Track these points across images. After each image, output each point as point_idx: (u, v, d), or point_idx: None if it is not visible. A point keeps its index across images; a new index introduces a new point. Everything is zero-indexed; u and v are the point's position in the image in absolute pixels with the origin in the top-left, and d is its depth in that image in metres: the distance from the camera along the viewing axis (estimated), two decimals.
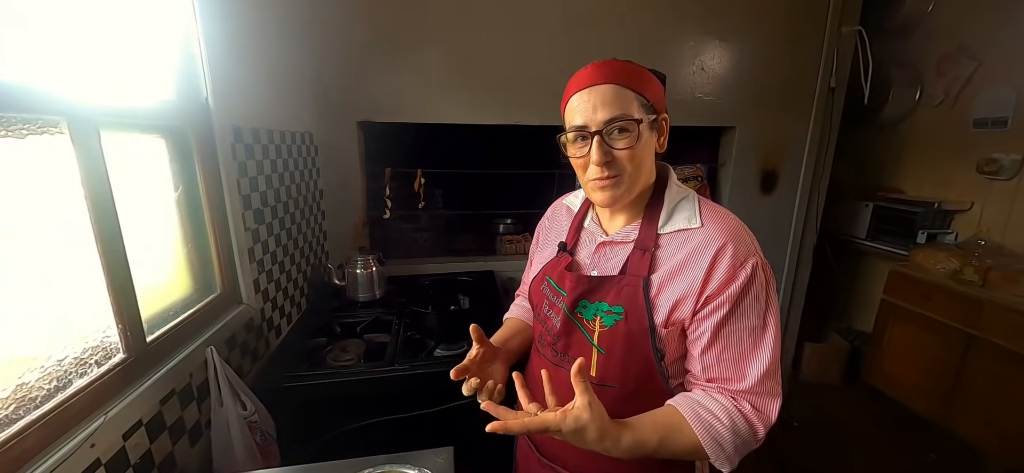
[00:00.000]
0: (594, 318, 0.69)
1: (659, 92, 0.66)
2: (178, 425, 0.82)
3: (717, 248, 0.62)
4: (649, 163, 0.68)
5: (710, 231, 0.64)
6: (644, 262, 0.66)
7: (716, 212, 0.67)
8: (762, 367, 0.61)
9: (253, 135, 1.17)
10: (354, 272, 1.53)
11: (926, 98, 2.41)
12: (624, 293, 0.67)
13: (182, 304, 0.92)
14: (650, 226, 0.68)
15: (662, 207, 0.68)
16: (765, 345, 0.62)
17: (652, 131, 0.66)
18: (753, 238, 0.65)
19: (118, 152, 0.76)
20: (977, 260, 1.92)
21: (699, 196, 0.70)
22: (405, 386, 1.14)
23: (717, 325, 0.62)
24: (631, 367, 0.68)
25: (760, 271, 0.62)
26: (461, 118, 1.78)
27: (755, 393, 0.62)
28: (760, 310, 0.62)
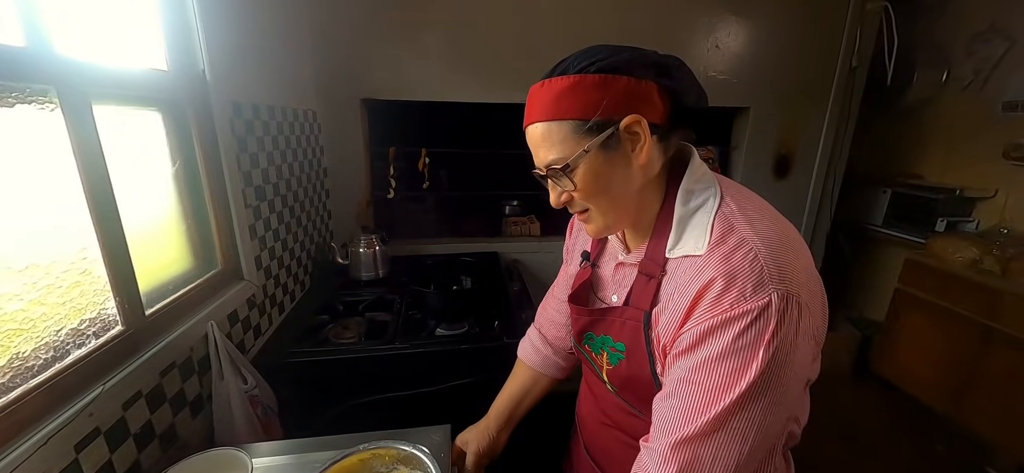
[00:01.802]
0: (601, 352, 0.62)
1: (615, 91, 0.47)
2: (179, 397, 0.83)
3: (704, 283, 0.47)
4: (623, 188, 0.53)
5: (708, 260, 0.48)
6: (648, 292, 0.54)
7: (730, 229, 0.49)
8: (690, 430, 0.46)
9: (253, 111, 1.15)
10: (357, 251, 1.53)
11: (953, 80, 2.30)
12: (627, 329, 0.57)
13: (182, 279, 0.92)
14: (657, 247, 0.55)
15: (672, 223, 0.53)
16: (712, 409, 0.45)
17: (610, 149, 0.49)
18: (784, 268, 0.45)
19: (113, 125, 0.75)
20: (999, 250, 1.85)
21: (727, 199, 0.52)
22: (405, 365, 1.14)
23: (673, 371, 0.50)
24: (647, 409, 0.57)
25: (759, 318, 0.43)
26: (467, 96, 1.75)
27: (655, 452, 0.49)
28: (733, 368, 0.45)
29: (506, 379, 1.15)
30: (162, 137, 0.90)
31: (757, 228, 0.48)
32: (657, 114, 0.50)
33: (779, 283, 0.44)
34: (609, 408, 0.69)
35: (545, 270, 1.97)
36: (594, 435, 0.76)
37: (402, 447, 0.73)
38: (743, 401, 0.45)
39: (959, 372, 1.88)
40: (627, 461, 0.66)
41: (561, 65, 0.50)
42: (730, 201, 0.52)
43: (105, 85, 0.73)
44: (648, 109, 0.49)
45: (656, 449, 0.49)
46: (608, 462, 0.73)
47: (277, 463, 0.79)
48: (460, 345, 1.17)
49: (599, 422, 0.73)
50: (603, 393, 0.68)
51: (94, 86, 0.70)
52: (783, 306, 0.44)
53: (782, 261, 0.46)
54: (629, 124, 0.48)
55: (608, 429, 0.71)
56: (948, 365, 1.93)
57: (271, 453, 0.81)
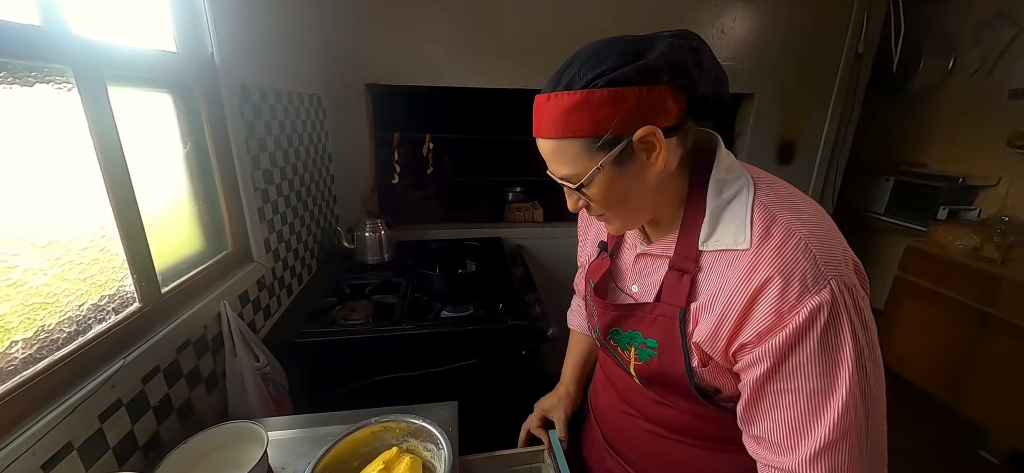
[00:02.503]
0: (628, 348, 0.60)
1: (625, 105, 0.45)
2: (194, 373, 0.85)
3: (759, 283, 0.45)
4: (641, 195, 0.52)
5: (758, 257, 0.46)
6: (682, 288, 0.53)
7: (771, 219, 0.47)
8: (816, 442, 0.45)
9: (261, 94, 1.16)
10: (363, 235, 1.55)
11: (959, 67, 2.29)
12: (658, 325, 0.55)
13: (194, 259, 0.94)
14: (688, 240, 0.53)
15: (704, 215, 0.52)
16: (828, 412, 0.44)
17: (624, 163, 0.48)
18: (835, 248, 0.46)
19: (127, 106, 0.76)
20: (999, 237, 1.86)
21: (763, 188, 0.50)
22: (413, 345, 1.16)
23: (758, 382, 0.47)
24: (679, 395, 0.59)
25: (830, 312, 0.43)
26: (471, 82, 1.75)
27: (786, 470, 0.47)
28: (827, 365, 0.44)
29: (512, 360, 1.19)
30: (173, 120, 0.91)
31: (800, 216, 0.47)
32: (672, 117, 0.47)
33: (833, 268, 0.44)
34: (633, 397, 0.68)
35: (548, 256, 1.99)
36: (614, 424, 0.75)
37: (413, 420, 0.75)
38: (852, 391, 0.44)
39: (956, 358, 1.91)
40: (650, 447, 0.68)
41: (566, 75, 0.47)
42: (766, 190, 0.50)
43: (118, 66, 0.74)
44: (662, 116, 0.46)
45: (787, 468, 0.47)
46: (630, 449, 0.73)
47: (290, 436, 0.81)
48: (466, 327, 1.19)
49: (620, 412, 0.72)
50: (627, 384, 0.68)
51: (109, 66, 0.71)
52: (844, 288, 0.43)
53: (829, 246, 0.45)
54: (643, 136, 0.46)
55: (630, 418, 0.70)
56: (945, 351, 1.96)
57: (284, 427, 0.84)
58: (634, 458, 0.72)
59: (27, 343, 0.57)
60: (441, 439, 0.71)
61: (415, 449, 0.74)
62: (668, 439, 0.65)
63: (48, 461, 0.55)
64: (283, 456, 0.77)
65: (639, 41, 0.47)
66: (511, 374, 1.24)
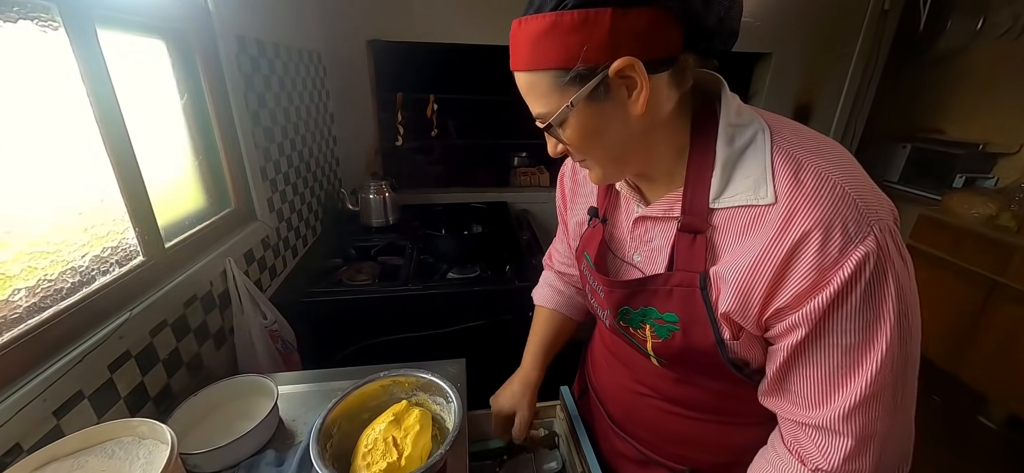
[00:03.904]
0: (643, 326, 0.53)
1: (596, 33, 0.38)
2: (202, 329, 0.85)
3: (795, 240, 0.39)
4: (622, 139, 0.45)
5: (790, 209, 0.40)
6: (698, 251, 0.46)
7: (799, 167, 0.41)
8: (851, 398, 0.41)
9: (258, 47, 1.11)
10: (367, 197, 1.52)
11: (989, 27, 2.17)
12: (676, 297, 0.48)
13: (197, 216, 0.92)
14: (697, 195, 0.46)
15: (713, 168, 0.45)
16: (865, 368, 0.41)
17: (600, 100, 0.41)
18: (873, 196, 0.40)
19: (119, 52, 0.72)
20: (1016, 206, 1.81)
21: (776, 131, 0.44)
22: (419, 306, 1.16)
23: (795, 347, 0.43)
24: (705, 370, 0.54)
25: (875, 265, 0.38)
26: (476, 38, 1.67)
27: (824, 429, 0.44)
28: (868, 320, 0.39)
29: (518, 322, 1.18)
30: (168, 69, 0.88)
31: (828, 158, 0.41)
32: (660, 48, 0.40)
33: (875, 213, 0.39)
34: (648, 377, 0.63)
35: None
36: (625, 405, 0.70)
37: (422, 375, 0.75)
38: (891, 345, 0.40)
39: (964, 326, 1.90)
40: (667, 426, 0.63)
41: None
42: (785, 133, 0.44)
43: (107, 7, 0.70)
44: (645, 46, 0.39)
45: (819, 424, 0.44)
46: (643, 428, 0.68)
47: (300, 390, 0.82)
48: (473, 287, 1.18)
49: (631, 391, 0.67)
50: (641, 364, 0.62)
51: (97, 6, 0.67)
52: (887, 234, 0.39)
53: (866, 189, 0.40)
54: (620, 69, 0.39)
55: (644, 398, 0.65)
56: (953, 320, 1.95)
57: (294, 381, 0.84)
58: (647, 437, 0.67)
59: (30, 291, 0.56)
60: (450, 393, 0.71)
61: (424, 403, 0.74)
62: (688, 418, 0.61)
63: (59, 408, 0.55)
64: (293, 409, 0.78)
65: None
66: (517, 335, 1.24)
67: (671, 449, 0.64)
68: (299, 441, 0.70)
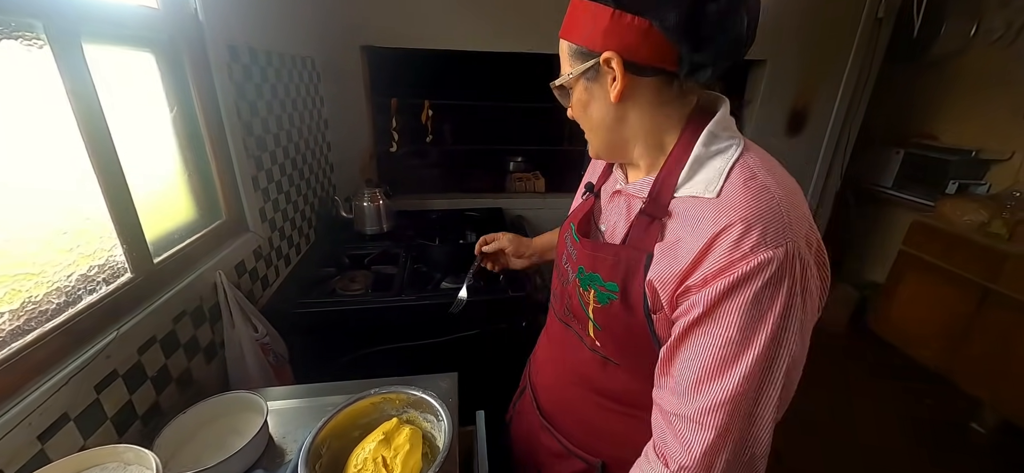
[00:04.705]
0: (589, 289, 0.58)
1: (599, 23, 0.46)
2: (192, 343, 0.85)
3: (719, 227, 0.44)
4: (601, 121, 0.53)
5: (724, 204, 0.45)
6: (651, 233, 0.51)
7: (749, 177, 0.46)
8: (720, 393, 0.44)
9: (250, 55, 1.11)
10: (361, 205, 1.52)
11: (982, 32, 2.19)
12: (620, 269, 0.54)
13: (187, 229, 0.92)
14: (666, 183, 0.51)
15: (686, 162, 0.50)
16: (738, 367, 0.44)
17: (595, 81, 0.50)
18: (799, 223, 0.45)
19: (106, 66, 0.72)
20: (1008, 213, 1.83)
21: (748, 152, 0.49)
22: (412, 316, 1.16)
23: (687, 325, 0.46)
24: (633, 350, 0.58)
25: (776, 271, 0.42)
26: (471, 45, 1.67)
27: (691, 421, 0.46)
28: (753, 319, 0.43)
29: (513, 331, 1.18)
30: (157, 81, 0.87)
31: (780, 182, 0.46)
32: (644, 55, 0.46)
33: (795, 237, 0.43)
34: (585, 368, 0.66)
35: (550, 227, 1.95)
36: (557, 398, 0.74)
37: (412, 392, 0.74)
38: (777, 348, 0.44)
39: (956, 333, 1.92)
40: (595, 419, 0.67)
41: None
42: (754, 154, 0.49)
43: (94, 21, 0.69)
44: (630, 48, 0.46)
45: (685, 413, 0.46)
46: (570, 421, 0.71)
47: (291, 406, 0.82)
48: None
49: (567, 383, 0.71)
50: (581, 356, 0.66)
51: (83, 22, 0.66)
52: (798, 258, 0.43)
53: (798, 218, 0.45)
54: (607, 59, 0.47)
55: (578, 390, 0.69)
56: (945, 326, 1.96)
57: (285, 397, 0.84)
58: (572, 430, 0.71)
59: (14, 315, 0.55)
60: (441, 411, 0.71)
61: (415, 420, 0.74)
62: (611, 410, 0.65)
63: (44, 432, 0.55)
64: (284, 426, 0.77)
65: None
66: (511, 345, 1.24)
67: (591, 442, 0.68)
68: (289, 460, 0.70)
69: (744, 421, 0.45)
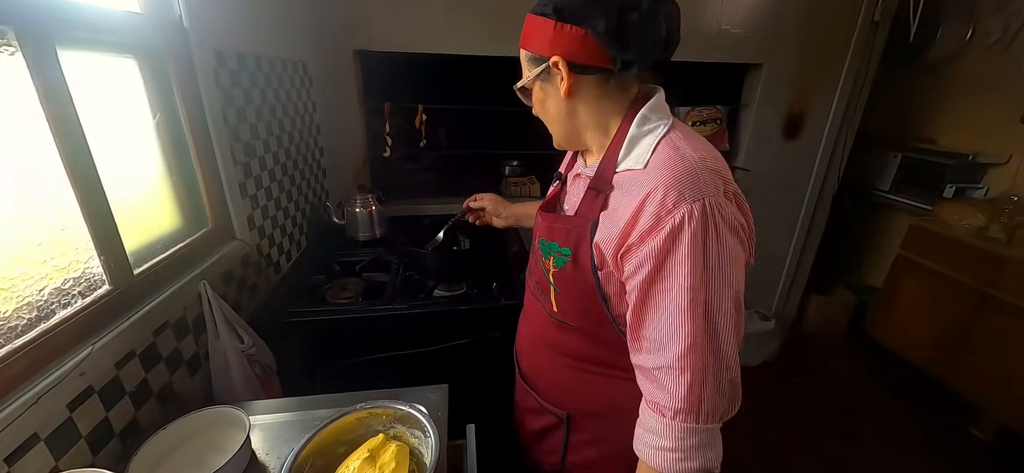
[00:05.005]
0: (549, 257, 0.69)
1: (545, 34, 0.57)
2: (175, 356, 0.83)
3: (646, 191, 0.54)
4: (557, 114, 0.65)
5: (650, 172, 0.56)
6: (596, 204, 0.62)
7: (670, 148, 0.56)
8: (686, 339, 0.52)
9: (238, 60, 1.09)
10: (354, 211, 1.50)
11: (978, 36, 2.18)
12: (572, 235, 0.64)
13: (171, 238, 0.90)
14: (609, 163, 0.62)
15: (624, 142, 0.61)
16: (694, 312, 0.52)
17: (548, 82, 0.62)
18: (713, 178, 0.54)
19: (85, 72, 0.70)
20: (1006, 217, 1.82)
21: (674, 130, 0.59)
22: (404, 325, 1.14)
23: (643, 286, 0.55)
24: (585, 310, 0.68)
25: (699, 220, 0.51)
26: (466, 49, 1.65)
27: (670, 368, 0.54)
28: (695, 264, 0.51)
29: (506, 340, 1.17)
30: (140, 87, 0.85)
31: (698, 152, 0.56)
32: (583, 57, 0.57)
33: (711, 193, 0.53)
34: (547, 331, 0.77)
35: None
36: (530, 360, 0.86)
37: (399, 407, 0.73)
38: (720, 284, 0.53)
39: (954, 338, 1.90)
40: (558, 376, 0.79)
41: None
42: (679, 131, 0.59)
43: (70, 27, 0.67)
44: (571, 51, 0.57)
45: (665, 364, 0.55)
46: (542, 380, 0.83)
47: (276, 420, 0.80)
48: (458, 306, 1.16)
49: (536, 345, 0.82)
50: (544, 320, 0.77)
51: (58, 28, 0.64)
52: (716, 204, 0.52)
53: (714, 177, 0.54)
54: (555, 62, 0.58)
55: (542, 350, 0.80)
56: (944, 331, 1.95)
57: (270, 410, 0.82)
58: (543, 387, 0.82)
59: None
60: (428, 427, 0.69)
61: (402, 436, 0.72)
62: (572, 367, 0.75)
63: (11, 454, 0.53)
64: (268, 441, 0.75)
65: None
66: (505, 353, 1.22)
67: (556, 396, 0.80)
68: None
69: (715, 355, 0.54)
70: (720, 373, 0.54)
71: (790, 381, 2.22)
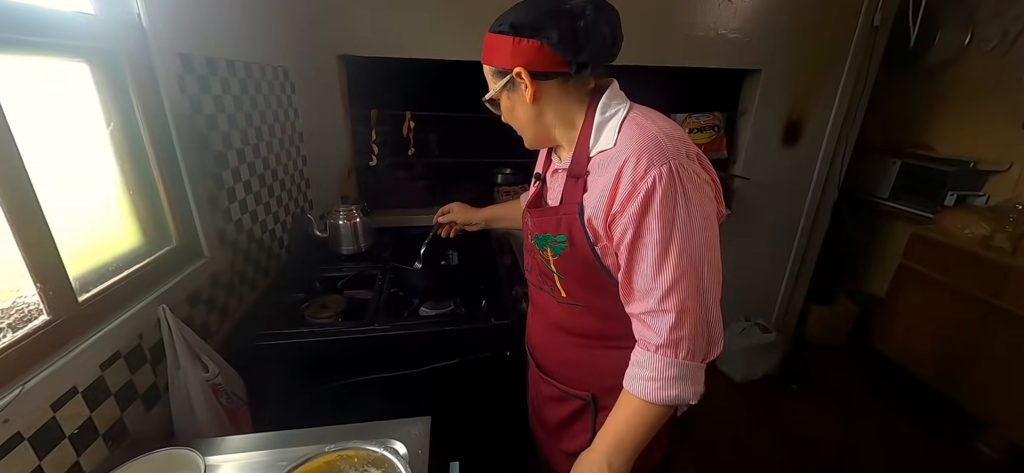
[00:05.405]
0: (546, 249, 0.74)
1: (505, 49, 0.64)
2: (127, 390, 0.75)
3: (620, 164, 0.60)
4: (526, 118, 0.70)
5: (619, 148, 0.62)
6: (578, 189, 0.67)
7: (634, 126, 0.63)
8: (666, 282, 0.59)
9: (208, 65, 1.02)
10: (336, 223, 1.43)
11: (977, 41, 2.15)
12: (563, 223, 0.69)
13: (128, 258, 0.82)
14: (582, 151, 0.68)
15: (592, 130, 0.67)
16: (671, 256, 0.59)
17: (513, 91, 0.67)
18: (675, 144, 0.61)
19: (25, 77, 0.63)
20: (1011, 226, 1.77)
21: (633, 110, 0.67)
22: (386, 347, 1.06)
23: (629, 247, 0.61)
24: (590, 287, 0.72)
25: (667, 179, 0.58)
26: (455, 54, 1.59)
27: (656, 311, 0.61)
28: (667, 220, 0.58)
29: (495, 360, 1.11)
30: (93, 94, 0.78)
31: (657, 124, 0.63)
32: (542, 64, 0.63)
33: (675, 156, 0.59)
34: (555, 314, 0.81)
35: None
36: (542, 346, 0.88)
37: (372, 449, 0.65)
38: (690, 233, 0.59)
39: (959, 350, 1.85)
40: (570, 355, 0.82)
41: (497, 18, 0.65)
42: (638, 111, 0.67)
43: (6, 28, 0.60)
44: (531, 61, 0.63)
45: (650, 308, 0.61)
46: (554, 363, 0.86)
47: (240, 460, 0.72)
48: (444, 327, 1.09)
49: (547, 331, 0.85)
50: (550, 305, 0.81)
51: None
52: (681, 165, 0.59)
53: (675, 144, 0.61)
54: (518, 72, 0.64)
55: (554, 335, 0.83)
56: (949, 343, 1.90)
57: (234, 449, 0.75)
58: (560, 372, 0.84)
59: None
60: (401, 470, 0.62)
61: None
62: (585, 346, 0.79)
63: None
64: None
65: (544, 2, 0.62)
66: (495, 375, 1.15)
67: (577, 377, 0.82)
68: None
69: (693, 298, 0.60)
70: (698, 314, 0.60)
71: (790, 391, 2.16)
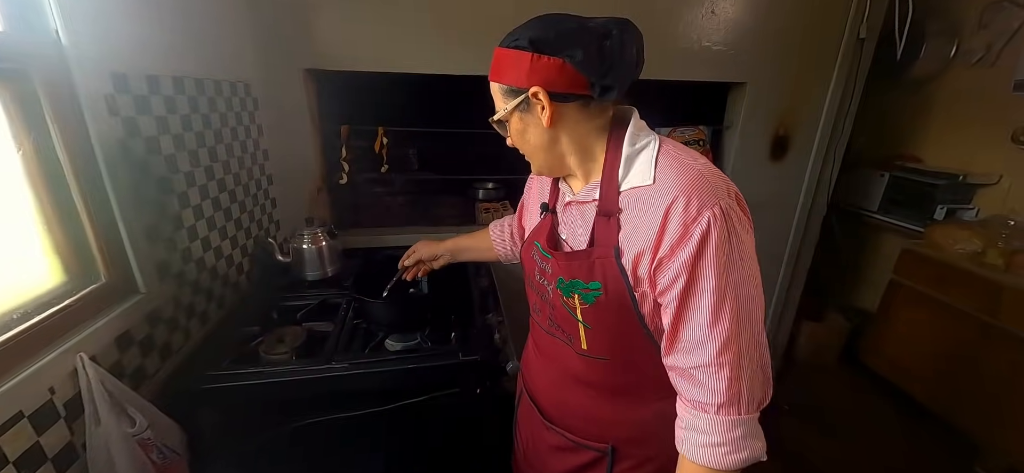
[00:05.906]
0: (572, 295, 0.67)
1: (522, 66, 0.58)
2: (31, 456, 0.66)
3: (668, 204, 0.56)
4: (540, 143, 0.65)
5: (661, 186, 0.58)
6: (611, 229, 0.62)
7: (673, 160, 0.59)
8: (722, 335, 0.55)
9: (149, 84, 0.94)
10: (300, 247, 1.34)
11: (962, 54, 2.14)
12: (598, 268, 0.63)
13: (42, 301, 0.73)
14: (610, 184, 0.63)
15: (620, 162, 0.62)
16: (726, 309, 0.55)
17: (527, 112, 0.62)
18: (721, 181, 0.58)
19: None
20: (1003, 242, 1.73)
21: (664, 142, 0.62)
22: (344, 386, 0.98)
23: (681, 295, 0.56)
24: (620, 339, 0.67)
25: (721, 223, 0.54)
26: (433, 68, 1.52)
27: (709, 366, 0.56)
28: (723, 264, 0.54)
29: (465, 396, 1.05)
30: (1, 118, 0.69)
31: (695, 158, 0.60)
32: (563, 85, 0.58)
33: (722, 195, 0.55)
34: (573, 365, 0.75)
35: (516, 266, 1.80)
36: (555, 399, 0.82)
37: None
38: (744, 279, 0.55)
39: (953, 368, 1.80)
40: (590, 411, 0.76)
41: (509, 34, 0.60)
42: (668, 143, 0.63)
43: None
44: (551, 81, 0.58)
45: (703, 362, 0.56)
46: (571, 417, 0.80)
47: None
48: (408, 364, 1.00)
49: (561, 384, 0.80)
50: (567, 356, 0.75)
51: None
52: (730, 210, 0.55)
53: (718, 181, 0.57)
54: (534, 92, 0.59)
55: (570, 388, 0.78)
56: (942, 361, 1.85)
57: None
58: (575, 424, 0.79)
59: None
60: None
61: None
62: (606, 399, 0.74)
63: None
64: None
65: (565, 19, 0.58)
66: (465, 413, 1.07)
67: (594, 430, 0.77)
68: None
69: (748, 346, 0.56)
70: (754, 362, 0.57)
71: (782, 412, 2.10)
